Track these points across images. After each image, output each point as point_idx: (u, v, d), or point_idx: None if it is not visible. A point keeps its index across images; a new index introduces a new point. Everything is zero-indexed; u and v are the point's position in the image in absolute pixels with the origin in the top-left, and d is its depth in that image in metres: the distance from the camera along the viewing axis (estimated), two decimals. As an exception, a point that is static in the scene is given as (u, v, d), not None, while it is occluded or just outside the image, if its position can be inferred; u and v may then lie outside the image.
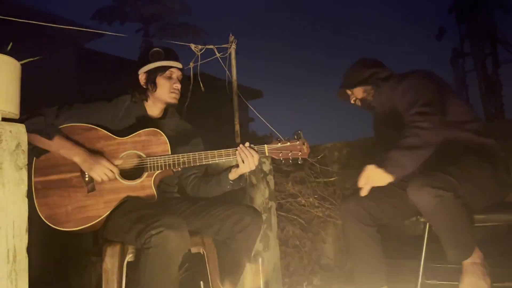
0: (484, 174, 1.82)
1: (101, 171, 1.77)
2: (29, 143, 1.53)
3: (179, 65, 2.01)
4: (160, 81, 1.96)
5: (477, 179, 1.79)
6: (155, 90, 1.96)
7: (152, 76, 1.96)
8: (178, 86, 2.00)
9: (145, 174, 1.83)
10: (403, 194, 1.92)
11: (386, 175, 1.80)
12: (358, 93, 2.17)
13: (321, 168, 3.28)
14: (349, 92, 2.20)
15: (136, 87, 1.98)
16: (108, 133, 1.87)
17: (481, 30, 12.08)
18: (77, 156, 1.78)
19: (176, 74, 2.01)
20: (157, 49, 1.99)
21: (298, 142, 1.89)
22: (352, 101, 2.21)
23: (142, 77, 1.98)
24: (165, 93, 1.97)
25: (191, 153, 1.86)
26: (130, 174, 1.85)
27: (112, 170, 1.78)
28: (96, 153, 1.82)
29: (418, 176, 1.79)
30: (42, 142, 1.77)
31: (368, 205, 1.92)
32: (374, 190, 1.87)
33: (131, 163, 1.87)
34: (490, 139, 1.94)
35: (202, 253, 1.88)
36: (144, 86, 1.98)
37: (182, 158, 1.85)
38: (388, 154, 1.81)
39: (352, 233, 1.94)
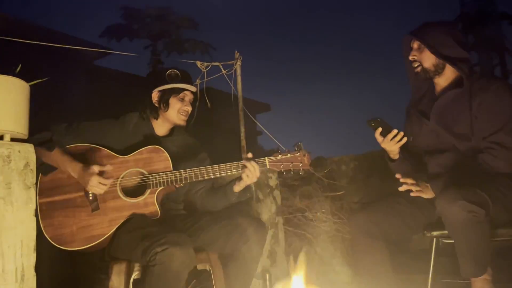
0: None
1: (96, 183, 1.76)
2: (37, 159, 1.56)
3: (194, 89, 2.05)
4: (173, 101, 1.99)
5: (507, 201, 1.74)
6: (167, 110, 1.99)
7: (166, 95, 1.99)
8: (188, 109, 2.04)
9: (148, 191, 1.85)
10: (412, 208, 1.91)
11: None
12: (428, 60, 1.92)
13: (329, 182, 3.27)
14: (416, 46, 1.94)
15: (148, 104, 2.02)
16: (110, 152, 1.89)
17: (488, 40, 12.02)
18: (73, 172, 1.81)
19: (189, 97, 2.04)
20: (175, 70, 2.01)
21: (298, 153, 1.91)
22: (411, 58, 1.96)
23: (155, 95, 2.01)
24: (174, 113, 2.00)
25: (193, 169, 1.88)
26: (133, 191, 1.87)
27: (104, 183, 1.77)
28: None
29: (450, 188, 1.69)
30: (44, 155, 1.80)
31: (377, 219, 1.91)
32: (383, 204, 1.85)
33: (134, 180, 1.89)
34: None
35: (208, 269, 1.88)
36: (156, 105, 2.01)
37: (184, 173, 1.87)
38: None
39: (362, 248, 1.94)
